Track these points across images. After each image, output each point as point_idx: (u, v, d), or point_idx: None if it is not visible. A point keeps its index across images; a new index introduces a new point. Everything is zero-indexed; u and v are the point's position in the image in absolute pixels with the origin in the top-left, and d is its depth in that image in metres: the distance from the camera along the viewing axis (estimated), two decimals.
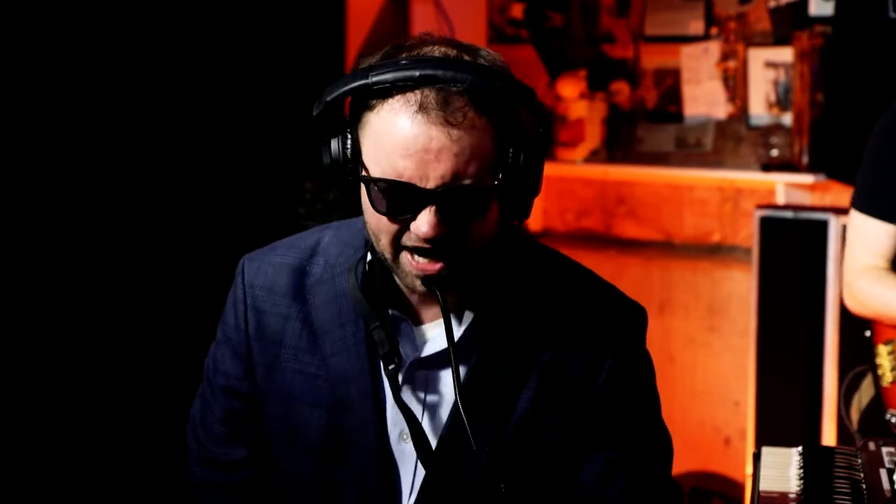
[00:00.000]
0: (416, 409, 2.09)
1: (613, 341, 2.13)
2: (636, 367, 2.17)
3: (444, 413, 2.08)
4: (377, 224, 1.99)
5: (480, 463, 2.03)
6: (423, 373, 2.10)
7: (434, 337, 2.09)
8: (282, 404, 2.14)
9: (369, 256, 2.10)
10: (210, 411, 2.22)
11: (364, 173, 1.96)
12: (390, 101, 1.91)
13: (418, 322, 2.12)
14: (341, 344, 2.11)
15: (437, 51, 1.96)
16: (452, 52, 1.96)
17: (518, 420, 2.08)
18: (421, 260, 1.98)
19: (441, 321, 2.02)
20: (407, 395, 2.08)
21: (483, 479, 2.04)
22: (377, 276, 2.09)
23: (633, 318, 2.19)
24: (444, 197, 1.92)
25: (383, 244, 2.00)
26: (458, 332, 2.07)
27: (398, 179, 1.91)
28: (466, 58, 1.96)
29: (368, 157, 1.95)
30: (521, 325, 2.10)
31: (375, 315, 2.07)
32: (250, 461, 2.20)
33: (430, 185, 1.91)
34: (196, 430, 2.25)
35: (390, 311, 2.09)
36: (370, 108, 1.94)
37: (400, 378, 2.06)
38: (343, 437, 2.10)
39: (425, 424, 2.08)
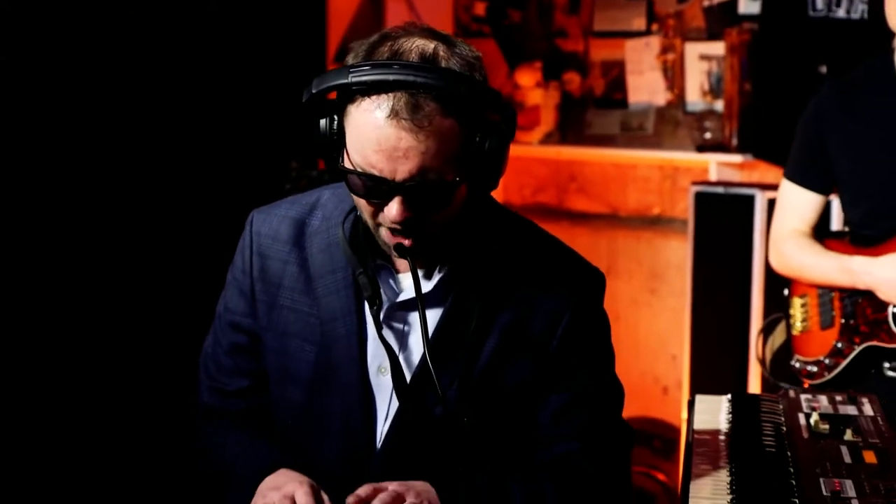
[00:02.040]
0: (394, 345, 2.11)
1: (572, 299, 2.15)
2: (593, 324, 2.19)
3: (418, 352, 2.10)
4: (357, 201, 2.03)
5: (446, 399, 2.05)
6: (401, 314, 2.13)
7: (411, 284, 2.09)
8: (278, 339, 2.17)
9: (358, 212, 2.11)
10: (219, 344, 2.26)
11: (345, 158, 1.98)
12: (368, 99, 1.92)
13: (397, 271, 2.14)
14: (332, 287, 2.14)
15: (416, 49, 1.94)
16: (431, 46, 1.95)
17: (483, 364, 2.10)
18: (394, 235, 2.01)
19: (417, 270, 2.05)
20: (387, 333, 2.10)
21: (448, 414, 2.06)
22: (362, 230, 2.11)
23: (591, 280, 2.21)
24: (410, 190, 1.94)
25: (364, 217, 2.04)
26: (431, 283, 2.10)
27: (371, 171, 1.94)
28: (442, 52, 1.95)
29: (349, 141, 1.96)
30: (490, 281, 2.11)
31: (361, 263, 2.09)
32: (251, 391, 2.23)
33: (399, 178, 1.93)
34: (207, 362, 2.28)
35: (374, 261, 2.12)
36: (352, 101, 1.94)
37: (381, 317, 2.09)
38: (329, 368, 2.13)
39: (401, 360, 2.10)
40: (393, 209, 1.95)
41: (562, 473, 2.12)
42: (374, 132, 1.91)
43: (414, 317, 2.11)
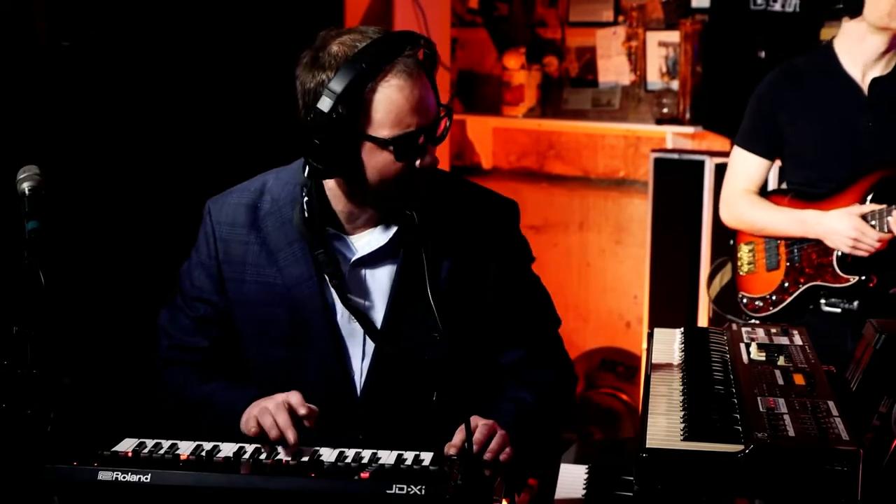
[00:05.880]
0: (360, 298, 2.09)
1: (495, 232, 2.16)
2: (515, 247, 2.21)
3: (380, 300, 2.09)
4: (387, 172, 1.98)
5: (414, 337, 2.07)
6: (358, 270, 2.10)
7: (363, 245, 2.10)
8: (251, 309, 2.13)
9: (305, 194, 2.07)
10: (182, 313, 2.19)
11: (380, 137, 1.94)
12: (384, 79, 1.92)
13: (347, 233, 2.11)
14: (291, 258, 2.10)
15: (350, 39, 1.96)
16: (348, 37, 1.97)
17: (439, 301, 2.04)
18: (423, 183, 2.01)
19: (366, 232, 2.08)
20: (351, 287, 2.08)
21: (417, 349, 2.06)
22: (315, 206, 2.06)
23: (507, 210, 2.21)
24: (435, 128, 1.98)
25: (391, 186, 2.00)
26: (386, 237, 2.09)
27: (410, 131, 1.95)
28: (356, 35, 1.97)
29: (378, 126, 1.94)
30: (432, 229, 2.06)
31: (319, 242, 2.06)
32: (208, 352, 2.17)
33: (429, 119, 1.96)
34: (166, 328, 2.20)
35: (328, 230, 2.09)
36: (372, 89, 1.93)
37: (345, 277, 2.07)
38: (302, 325, 2.10)
39: (368, 307, 2.09)
40: (430, 156, 1.98)
41: (530, 382, 2.15)
42: (403, 96, 1.93)
43: (372, 270, 2.09)
